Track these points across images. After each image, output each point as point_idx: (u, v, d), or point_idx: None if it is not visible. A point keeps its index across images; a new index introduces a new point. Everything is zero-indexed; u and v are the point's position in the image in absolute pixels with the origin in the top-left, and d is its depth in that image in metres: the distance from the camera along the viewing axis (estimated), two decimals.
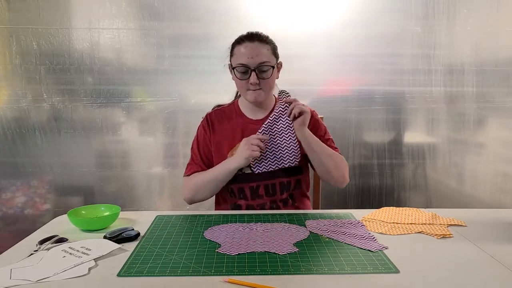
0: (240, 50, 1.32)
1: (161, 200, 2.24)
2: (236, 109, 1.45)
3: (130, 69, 2.13)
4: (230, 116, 1.45)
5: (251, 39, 1.32)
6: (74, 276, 0.87)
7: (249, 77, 1.31)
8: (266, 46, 1.32)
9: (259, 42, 1.31)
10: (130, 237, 1.08)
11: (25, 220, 2.19)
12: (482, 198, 2.26)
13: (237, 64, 1.32)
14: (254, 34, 1.34)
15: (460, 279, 0.85)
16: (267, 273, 0.88)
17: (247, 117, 1.43)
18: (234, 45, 1.36)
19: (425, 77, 2.18)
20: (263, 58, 1.30)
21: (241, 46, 1.32)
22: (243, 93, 1.37)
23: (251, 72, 1.30)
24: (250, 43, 1.31)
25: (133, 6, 2.09)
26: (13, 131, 2.13)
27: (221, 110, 1.48)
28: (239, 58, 1.32)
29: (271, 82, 1.35)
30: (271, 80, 1.34)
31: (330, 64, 2.16)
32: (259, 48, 1.31)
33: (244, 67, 1.30)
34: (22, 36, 2.07)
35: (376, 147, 2.22)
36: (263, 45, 1.32)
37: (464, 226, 1.18)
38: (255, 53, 1.29)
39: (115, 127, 2.17)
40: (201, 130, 1.46)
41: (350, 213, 1.30)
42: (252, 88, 1.32)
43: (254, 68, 1.30)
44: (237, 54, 1.33)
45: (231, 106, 1.48)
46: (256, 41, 1.31)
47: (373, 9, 2.13)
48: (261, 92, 1.33)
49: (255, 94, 1.33)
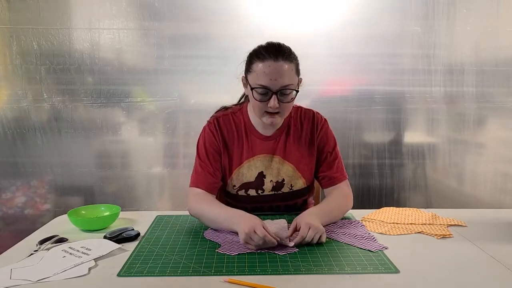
0: (261, 69, 1.14)
1: (161, 200, 2.24)
2: (245, 118, 1.30)
3: (130, 69, 2.13)
4: (239, 127, 1.30)
5: (275, 57, 1.14)
6: (74, 276, 0.87)
7: (268, 99, 1.15)
8: (290, 66, 1.16)
9: (284, 61, 1.14)
10: (130, 237, 1.08)
11: (25, 220, 2.19)
12: (482, 198, 2.26)
13: (256, 85, 1.15)
14: (277, 49, 1.16)
15: (460, 279, 0.85)
16: (267, 273, 0.88)
17: (257, 130, 1.29)
18: (253, 59, 1.18)
19: (425, 77, 2.18)
20: (287, 81, 1.14)
21: (264, 64, 1.14)
22: (259, 115, 1.21)
23: (272, 94, 1.14)
24: (274, 63, 1.13)
25: (133, 6, 2.09)
26: (13, 131, 2.13)
27: (228, 115, 1.32)
28: (259, 78, 1.15)
29: (290, 105, 1.21)
30: (291, 103, 1.20)
31: (330, 64, 2.16)
32: (285, 69, 1.14)
33: (264, 89, 1.15)
34: (22, 36, 2.07)
35: (376, 147, 2.22)
36: (288, 64, 1.15)
37: (464, 226, 1.18)
38: (279, 75, 1.13)
39: (115, 127, 2.17)
40: (209, 134, 1.29)
41: (350, 213, 1.30)
42: (270, 111, 1.17)
43: (276, 91, 1.14)
44: (257, 73, 1.15)
45: (239, 112, 1.32)
46: (281, 60, 1.14)
47: (373, 9, 2.13)
48: (278, 118, 1.20)
49: (271, 119, 1.19)
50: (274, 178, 1.29)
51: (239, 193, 1.30)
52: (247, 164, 1.28)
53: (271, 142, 1.29)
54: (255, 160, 1.28)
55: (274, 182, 1.29)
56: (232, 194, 1.32)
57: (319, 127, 1.31)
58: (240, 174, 1.28)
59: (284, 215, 1.26)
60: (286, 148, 1.29)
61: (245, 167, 1.28)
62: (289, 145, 1.29)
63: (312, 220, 1.08)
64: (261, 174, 1.28)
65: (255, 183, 1.29)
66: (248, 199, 1.30)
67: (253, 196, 1.30)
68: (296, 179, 1.30)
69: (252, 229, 1.00)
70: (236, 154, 1.28)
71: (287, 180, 1.29)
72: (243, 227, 1.02)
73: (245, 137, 1.29)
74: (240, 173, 1.28)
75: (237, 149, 1.29)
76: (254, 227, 1.00)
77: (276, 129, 1.29)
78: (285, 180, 1.29)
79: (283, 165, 1.29)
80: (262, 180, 1.28)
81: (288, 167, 1.29)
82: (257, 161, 1.28)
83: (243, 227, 1.02)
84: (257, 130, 1.29)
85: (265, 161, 1.28)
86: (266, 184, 1.29)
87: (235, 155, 1.28)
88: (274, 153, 1.29)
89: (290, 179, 1.29)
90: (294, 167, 1.29)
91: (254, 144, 1.28)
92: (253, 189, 1.29)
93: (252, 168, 1.28)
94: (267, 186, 1.29)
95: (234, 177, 1.29)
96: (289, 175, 1.29)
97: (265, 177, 1.28)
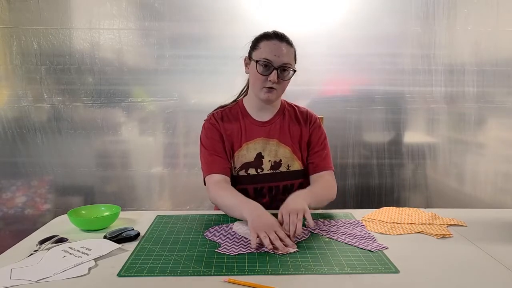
0: (267, 45, 1.31)
1: (161, 200, 2.24)
2: (241, 109, 1.43)
3: (131, 69, 2.14)
4: (236, 117, 1.42)
5: (281, 39, 1.32)
6: (74, 276, 0.87)
7: (269, 74, 1.29)
8: (291, 50, 1.33)
9: (287, 44, 1.32)
10: (130, 237, 1.08)
11: (25, 220, 2.19)
12: (482, 198, 2.26)
13: (261, 58, 1.29)
14: (283, 35, 1.34)
15: (460, 279, 0.85)
16: (267, 273, 0.88)
17: (253, 118, 1.41)
18: (261, 39, 1.34)
19: (425, 77, 2.18)
20: (287, 60, 1.30)
21: (269, 42, 1.31)
22: (257, 89, 1.33)
23: (273, 70, 1.29)
24: (279, 42, 1.30)
25: (134, 6, 2.09)
26: (13, 131, 2.14)
27: (224, 110, 1.44)
28: (265, 53, 1.30)
29: (285, 86, 1.35)
30: (286, 83, 1.35)
31: (330, 64, 2.16)
32: (287, 49, 1.31)
33: (268, 62, 1.29)
34: (22, 36, 2.07)
35: (376, 147, 2.22)
36: (290, 48, 1.32)
37: (464, 226, 1.18)
38: (281, 53, 1.29)
39: (115, 127, 2.17)
40: (210, 127, 1.40)
41: (350, 213, 1.30)
42: (269, 85, 1.30)
43: (278, 67, 1.29)
44: (263, 49, 1.31)
45: (236, 106, 1.45)
46: (285, 42, 1.32)
47: (373, 9, 2.13)
48: (275, 93, 1.32)
49: (269, 93, 1.31)
50: (272, 158, 1.38)
51: (240, 174, 1.38)
52: (246, 146, 1.38)
53: (267, 127, 1.40)
54: (254, 142, 1.39)
55: (272, 162, 1.38)
56: (234, 176, 1.38)
57: (312, 121, 1.44)
58: (241, 156, 1.38)
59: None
60: (282, 132, 1.40)
61: (244, 149, 1.38)
62: (284, 129, 1.41)
63: (293, 204, 1.13)
64: (259, 154, 1.38)
65: (254, 162, 1.38)
66: (248, 178, 1.38)
67: (253, 175, 1.38)
68: (292, 161, 1.39)
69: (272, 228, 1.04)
70: (236, 139, 1.39)
71: (284, 161, 1.39)
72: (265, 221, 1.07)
73: (242, 124, 1.40)
74: (241, 155, 1.38)
75: (236, 135, 1.39)
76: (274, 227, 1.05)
77: (272, 116, 1.41)
78: (283, 161, 1.39)
79: (280, 147, 1.39)
80: (261, 160, 1.38)
81: (285, 149, 1.39)
82: (256, 143, 1.39)
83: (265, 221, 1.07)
84: (253, 117, 1.41)
85: (263, 144, 1.39)
86: (265, 164, 1.38)
87: (235, 139, 1.39)
88: (270, 137, 1.39)
89: (287, 160, 1.39)
90: (290, 149, 1.39)
91: (251, 129, 1.40)
92: (253, 168, 1.38)
93: (251, 150, 1.38)
94: (266, 165, 1.38)
95: (235, 160, 1.38)
96: (286, 157, 1.39)
97: (263, 157, 1.38)
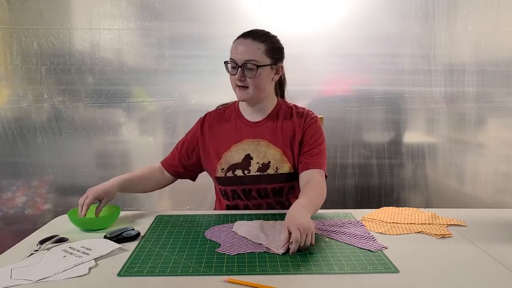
0: (233, 45, 1.32)
1: (161, 200, 2.24)
2: (236, 109, 1.44)
3: (131, 69, 2.14)
4: (229, 117, 1.44)
5: (246, 35, 1.31)
6: (74, 276, 0.87)
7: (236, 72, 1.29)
8: (259, 45, 1.29)
9: (252, 40, 1.28)
10: (130, 237, 1.08)
11: (26, 220, 2.19)
12: (482, 198, 2.26)
13: (229, 59, 1.31)
14: (251, 31, 1.32)
15: (460, 279, 0.85)
16: (267, 273, 0.88)
17: (245, 118, 1.41)
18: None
19: (425, 77, 2.18)
20: (250, 56, 1.27)
21: (235, 42, 1.32)
22: (234, 89, 1.35)
23: (237, 68, 1.28)
24: (243, 40, 1.30)
25: (134, 6, 2.09)
26: (14, 131, 2.14)
27: (221, 110, 1.47)
28: (231, 53, 1.31)
29: (258, 83, 1.30)
30: (257, 80, 1.29)
31: (330, 64, 2.16)
32: (250, 46, 1.28)
33: (232, 61, 1.29)
34: (23, 37, 2.07)
35: (376, 147, 2.22)
36: (256, 43, 1.28)
37: (464, 226, 1.18)
38: (244, 50, 1.27)
39: (115, 127, 2.17)
40: (195, 127, 1.46)
41: (349, 213, 1.30)
42: (239, 84, 1.30)
43: (241, 65, 1.27)
44: (231, 49, 1.32)
45: (232, 106, 1.47)
46: (250, 38, 1.29)
47: (373, 9, 2.13)
48: (248, 91, 1.31)
49: (241, 92, 1.32)
50: (260, 160, 1.36)
51: (227, 175, 1.37)
52: (235, 148, 1.37)
53: (258, 127, 1.38)
54: (243, 144, 1.37)
55: (260, 164, 1.35)
56: (221, 177, 1.37)
57: (308, 120, 1.38)
58: (229, 157, 1.37)
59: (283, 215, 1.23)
60: (273, 133, 1.37)
61: (233, 151, 1.37)
62: (276, 130, 1.37)
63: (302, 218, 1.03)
64: (248, 156, 1.36)
65: (242, 164, 1.36)
66: (235, 180, 1.36)
67: (240, 177, 1.36)
68: (282, 163, 1.35)
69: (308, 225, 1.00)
70: (225, 140, 1.39)
71: (273, 163, 1.35)
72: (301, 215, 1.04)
73: (234, 124, 1.41)
74: (229, 156, 1.37)
75: (225, 135, 1.40)
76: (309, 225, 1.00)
77: (264, 116, 1.39)
78: (271, 163, 1.35)
79: (270, 148, 1.36)
80: (249, 161, 1.36)
81: (275, 151, 1.36)
82: (245, 144, 1.37)
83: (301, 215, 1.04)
84: (246, 117, 1.41)
85: (252, 145, 1.37)
86: (253, 166, 1.36)
87: (224, 140, 1.39)
88: (260, 137, 1.37)
89: (276, 162, 1.35)
90: (281, 151, 1.36)
91: (242, 129, 1.39)
92: (240, 170, 1.36)
93: (240, 151, 1.37)
94: (253, 167, 1.36)
95: (222, 161, 1.37)
96: (276, 159, 1.35)
97: (252, 159, 1.36)
